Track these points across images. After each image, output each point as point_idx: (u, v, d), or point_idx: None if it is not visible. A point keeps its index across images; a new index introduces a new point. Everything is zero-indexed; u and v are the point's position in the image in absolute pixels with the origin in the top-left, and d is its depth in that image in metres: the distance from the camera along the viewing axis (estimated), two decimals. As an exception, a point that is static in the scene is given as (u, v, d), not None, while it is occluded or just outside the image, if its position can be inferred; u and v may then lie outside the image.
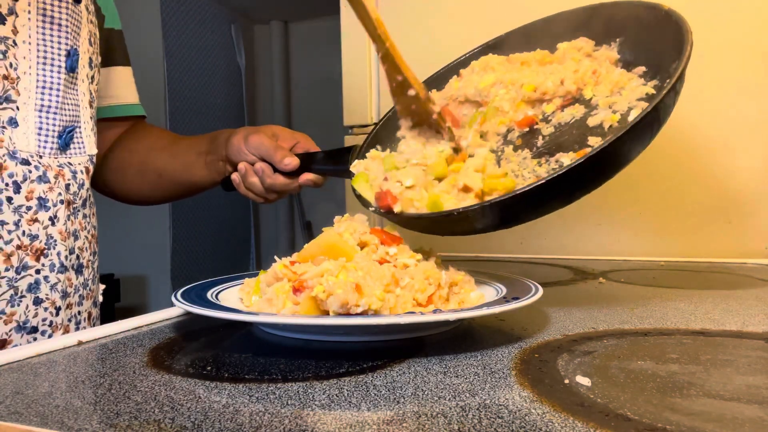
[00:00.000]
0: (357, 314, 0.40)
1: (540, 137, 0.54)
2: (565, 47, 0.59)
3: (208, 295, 0.49)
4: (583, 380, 0.32)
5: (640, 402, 0.29)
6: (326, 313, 0.41)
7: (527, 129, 0.55)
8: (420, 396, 0.31)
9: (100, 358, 0.40)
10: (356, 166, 0.57)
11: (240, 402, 0.31)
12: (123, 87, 0.81)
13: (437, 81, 0.68)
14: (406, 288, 0.44)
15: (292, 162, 0.68)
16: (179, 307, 0.45)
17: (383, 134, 0.66)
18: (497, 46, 0.67)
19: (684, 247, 0.93)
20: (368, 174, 0.56)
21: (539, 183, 0.44)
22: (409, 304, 0.43)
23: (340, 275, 0.41)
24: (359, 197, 0.55)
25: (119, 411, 0.30)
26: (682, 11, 0.52)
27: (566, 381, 0.33)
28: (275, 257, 0.48)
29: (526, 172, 0.52)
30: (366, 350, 0.41)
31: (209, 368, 0.37)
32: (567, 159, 0.49)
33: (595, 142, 0.49)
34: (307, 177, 0.68)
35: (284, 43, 3.41)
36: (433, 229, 0.52)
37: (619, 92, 0.53)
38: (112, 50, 0.79)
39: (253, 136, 0.70)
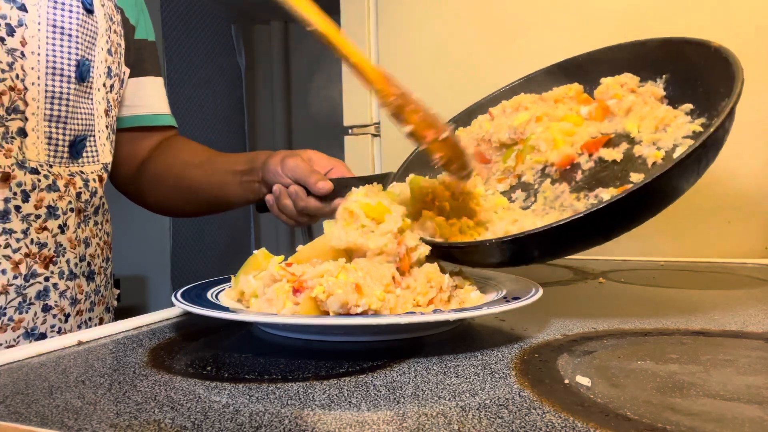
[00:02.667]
0: (357, 314, 0.40)
1: (579, 171, 0.53)
2: (609, 82, 0.58)
3: (208, 295, 0.49)
4: (583, 380, 0.32)
5: (640, 402, 0.29)
6: (326, 314, 0.41)
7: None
8: (420, 396, 0.31)
9: (100, 358, 0.40)
10: (394, 187, 0.57)
11: (240, 402, 0.31)
12: (152, 97, 0.82)
13: (467, 118, 0.67)
14: (407, 289, 0.44)
15: (325, 186, 0.68)
16: (179, 307, 0.45)
17: (416, 165, 0.65)
18: (532, 81, 0.66)
19: (684, 247, 0.93)
20: (392, 194, 0.56)
21: (578, 216, 0.41)
22: (409, 304, 0.43)
23: (339, 275, 0.41)
24: None
25: (119, 411, 0.30)
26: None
27: (566, 381, 0.33)
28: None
29: (565, 204, 0.51)
30: (366, 350, 0.41)
31: (209, 368, 0.37)
32: (607, 195, 0.48)
33: (638, 178, 0.48)
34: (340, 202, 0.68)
35: (284, 43, 3.40)
36: (460, 259, 0.50)
37: (664, 129, 0.52)
38: (143, 60, 0.79)
39: (289, 159, 0.71)
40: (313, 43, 3.33)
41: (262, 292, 0.45)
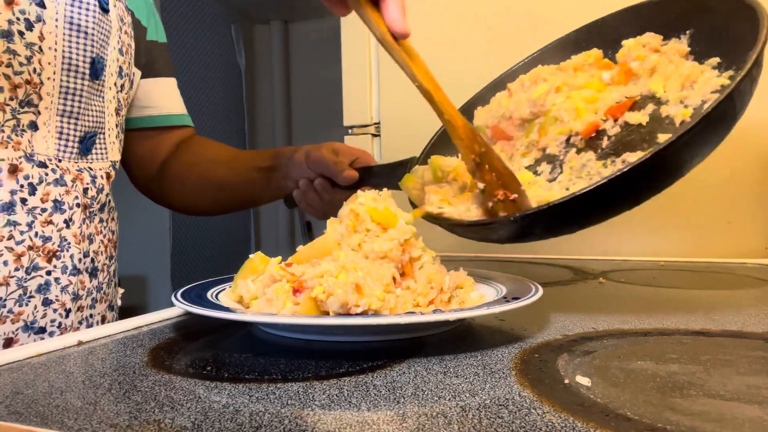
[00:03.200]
0: (357, 314, 0.40)
1: (605, 138, 0.52)
2: (631, 44, 0.57)
3: (208, 295, 0.49)
4: (583, 380, 0.32)
5: (640, 402, 0.29)
6: (326, 314, 0.41)
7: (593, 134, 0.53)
8: (420, 396, 0.31)
9: (100, 358, 0.40)
10: (416, 171, 0.57)
11: (240, 402, 0.31)
12: (167, 97, 0.82)
13: (483, 97, 0.67)
14: (407, 290, 0.44)
15: (351, 175, 0.69)
16: (179, 307, 0.45)
17: (440, 146, 0.65)
18: (549, 52, 0.65)
19: (684, 247, 0.93)
20: (415, 176, 0.57)
21: (601, 182, 0.41)
22: (409, 304, 0.43)
23: (339, 275, 0.41)
24: (409, 199, 0.56)
25: (119, 411, 0.30)
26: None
27: (566, 381, 0.33)
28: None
29: (591, 172, 0.50)
30: (366, 350, 0.41)
31: (209, 368, 0.37)
32: (634, 158, 0.46)
33: (666, 139, 0.45)
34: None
35: (284, 43, 3.40)
36: (480, 235, 0.50)
37: (691, 86, 0.50)
38: (155, 62, 0.80)
39: (313, 152, 0.72)
40: (313, 42, 3.34)
41: (262, 292, 0.45)
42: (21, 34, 0.56)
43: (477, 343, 0.42)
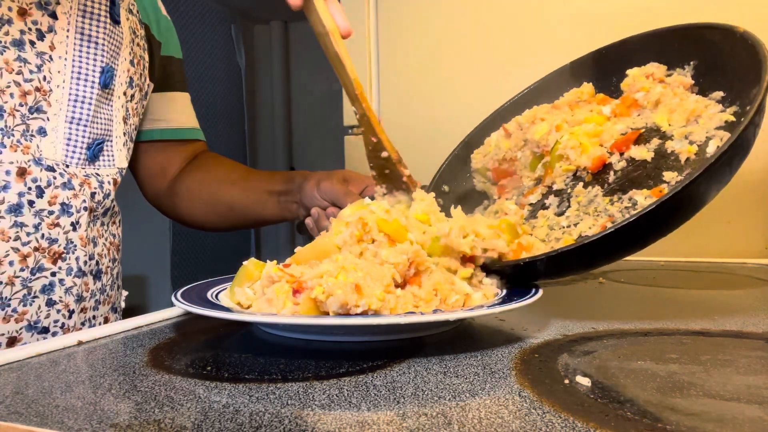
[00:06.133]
0: (357, 314, 0.40)
1: (612, 172, 0.52)
2: (635, 73, 0.57)
3: (208, 295, 0.49)
4: (583, 380, 0.32)
5: (640, 402, 0.29)
6: (326, 314, 0.41)
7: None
8: (420, 396, 0.31)
9: (100, 358, 0.40)
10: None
11: (240, 402, 0.31)
12: (180, 111, 0.84)
13: (479, 135, 0.67)
14: (410, 294, 0.44)
15: None
16: (179, 307, 0.45)
17: (448, 175, 0.65)
18: (547, 83, 0.65)
19: (684, 247, 0.93)
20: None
21: (608, 231, 0.42)
22: (409, 304, 0.43)
23: (339, 276, 0.41)
24: None
25: (119, 411, 0.30)
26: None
27: (566, 381, 0.33)
28: (266, 261, 0.48)
29: (599, 209, 0.50)
30: (366, 350, 0.41)
31: (209, 368, 0.37)
32: (641, 196, 0.48)
33: (671, 177, 0.47)
34: None
35: (284, 43, 3.40)
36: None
37: (695, 120, 0.50)
38: (170, 77, 0.81)
39: (324, 183, 0.73)
40: (313, 43, 3.34)
41: (262, 292, 0.45)
42: (32, 43, 0.57)
43: (477, 343, 0.42)
